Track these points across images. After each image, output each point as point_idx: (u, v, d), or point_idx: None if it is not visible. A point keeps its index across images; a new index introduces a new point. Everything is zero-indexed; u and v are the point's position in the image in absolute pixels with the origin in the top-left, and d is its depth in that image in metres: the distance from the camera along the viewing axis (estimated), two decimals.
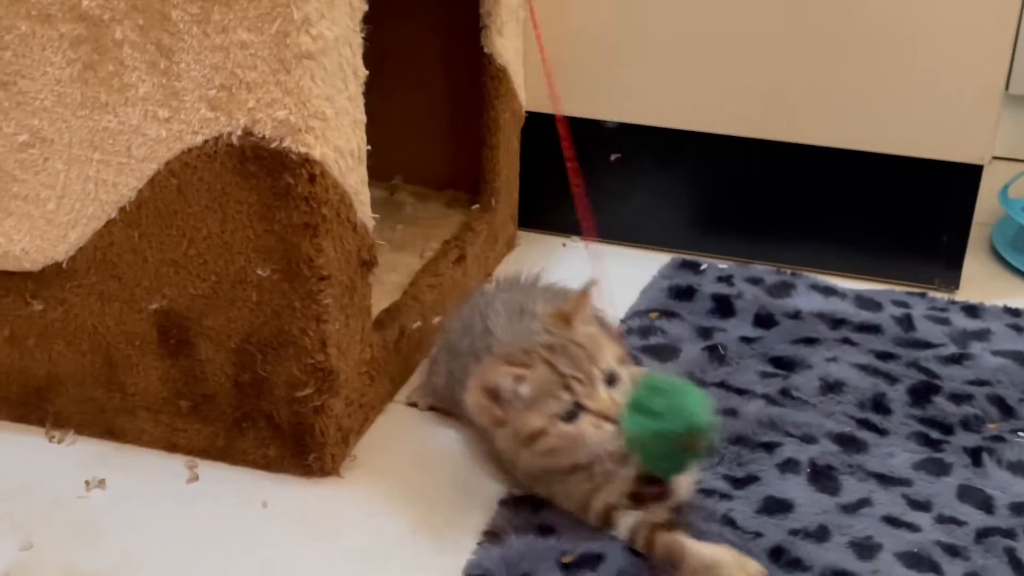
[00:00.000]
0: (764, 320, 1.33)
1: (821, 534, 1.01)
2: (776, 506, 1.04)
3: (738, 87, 1.45)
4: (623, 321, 1.32)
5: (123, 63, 1.01)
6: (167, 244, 1.06)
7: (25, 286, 1.12)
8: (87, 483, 1.11)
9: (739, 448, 1.11)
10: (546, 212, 1.59)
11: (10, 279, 1.13)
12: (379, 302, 1.22)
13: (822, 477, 1.07)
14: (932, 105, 1.38)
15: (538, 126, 1.54)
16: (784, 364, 1.25)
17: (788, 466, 1.08)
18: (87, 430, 1.17)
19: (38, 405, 1.18)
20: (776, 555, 0.98)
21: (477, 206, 1.48)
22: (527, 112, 1.54)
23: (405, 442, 1.17)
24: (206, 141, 1.01)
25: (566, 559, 0.98)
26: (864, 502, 1.05)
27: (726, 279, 1.41)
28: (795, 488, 1.06)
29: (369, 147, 1.07)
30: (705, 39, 1.45)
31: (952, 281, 1.46)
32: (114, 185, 1.05)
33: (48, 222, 1.09)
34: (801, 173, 1.47)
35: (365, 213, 1.09)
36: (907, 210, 1.45)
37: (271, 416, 1.10)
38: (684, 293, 1.38)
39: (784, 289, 1.39)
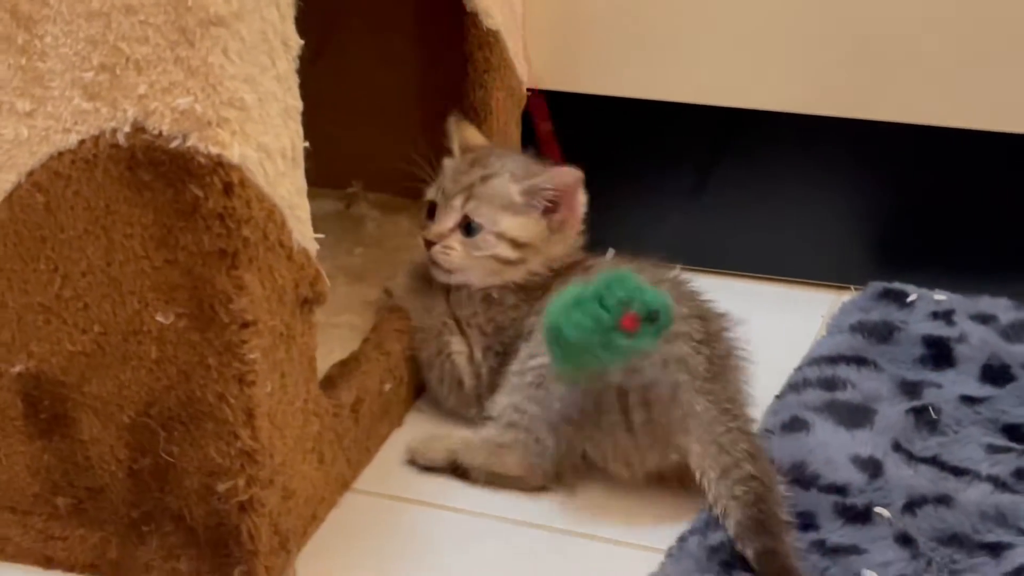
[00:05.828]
0: (995, 373, 1.31)
1: None
2: None
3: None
4: (799, 369, 1.33)
5: None
6: (33, 283, 1.05)
7: None
8: None
9: (952, 550, 1.09)
10: None
11: None
12: (330, 354, 1.23)
13: None
14: None
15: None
16: (1020, 435, 1.24)
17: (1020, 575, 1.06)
18: None
19: None
20: None
21: None
22: (529, 90, 1.55)
23: (367, 546, 1.16)
24: (82, 141, 1.00)
25: None
26: None
27: (944, 315, 1.39)
28: None
29: (309, 144, 1.06)
30: None
31: None
32: None
33: None
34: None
35: (304, 233, 1.08)
36: None
37: (181, 516, 1.09)
38: (883, 333, 1.36)
39: None
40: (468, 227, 1.25)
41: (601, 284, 1.09)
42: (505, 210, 1.25)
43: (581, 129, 1.58)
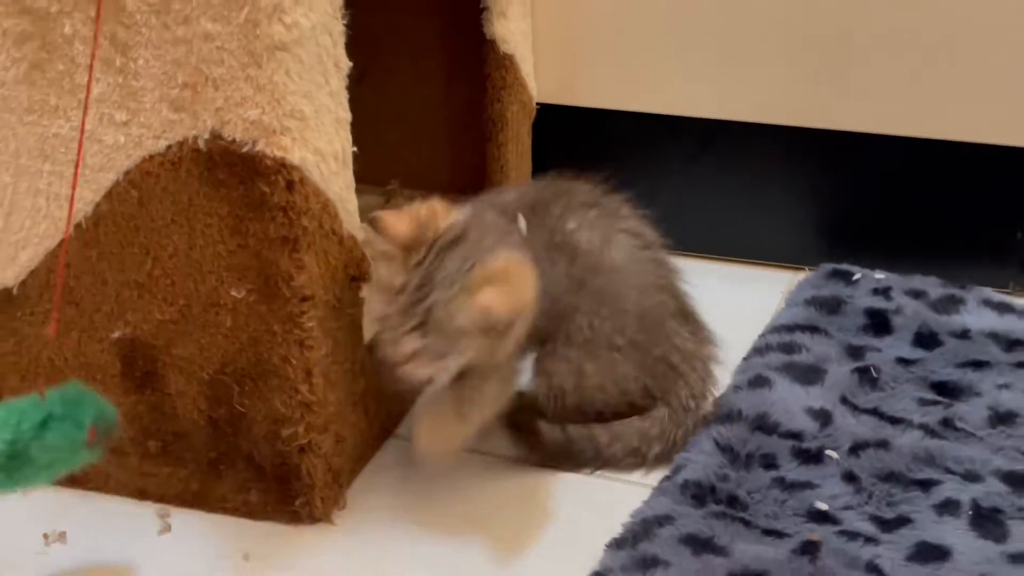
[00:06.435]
0: (925, 339, 1.32)
1: None
2: (931, 553, 1.03)
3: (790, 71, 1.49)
4: (762, 336, 1.33)
5: (74, 61, 1.02)
6: (129, 264, 1.08)
7: None
8: (46, 536, 1.11)
9: (889, 486, 1.11)
10: None
11: None
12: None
13: (987, 521, 1.05)
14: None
15: (551, 119, 1.56)
16: (947, 390, 1.25)
17: (947, 507, 1.08)
18: None
19: None
20: None
21: None
22: (538, 104, 1.56)
23: (405, 483, 1.17)
24: (169, 146, 1.02)
25: None
26: None
27: (883, 291, 1.40)
28: (954, 533, 1.04)
29: (356, 149, 1.09)
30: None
31: None
32: (68, 199, 1.06)
33: None
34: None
35: (352, 223, 1.10)
36: (979, 205, 1.46)
37: (251, 456, 1.11)
38: (833, 306, 1.37)
39: (951, 304, 1.37)
40: None
41: (68, 405, 0.97)
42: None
43: (578, 135, 1.58)
